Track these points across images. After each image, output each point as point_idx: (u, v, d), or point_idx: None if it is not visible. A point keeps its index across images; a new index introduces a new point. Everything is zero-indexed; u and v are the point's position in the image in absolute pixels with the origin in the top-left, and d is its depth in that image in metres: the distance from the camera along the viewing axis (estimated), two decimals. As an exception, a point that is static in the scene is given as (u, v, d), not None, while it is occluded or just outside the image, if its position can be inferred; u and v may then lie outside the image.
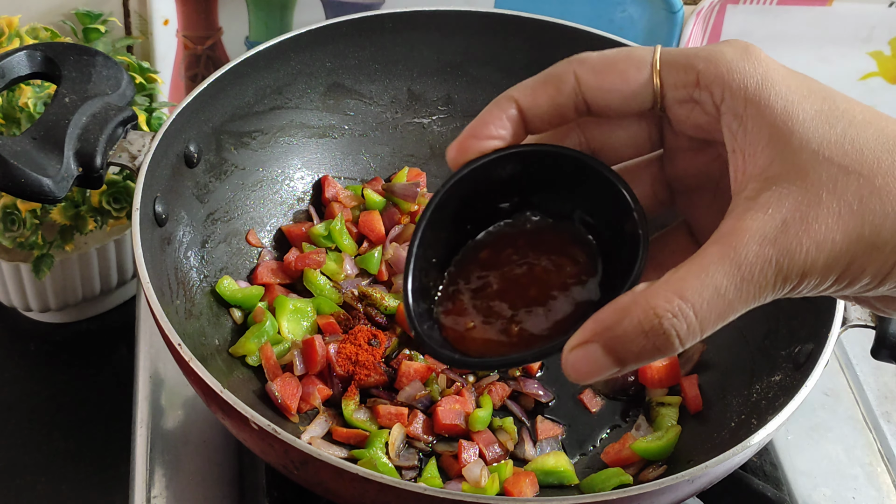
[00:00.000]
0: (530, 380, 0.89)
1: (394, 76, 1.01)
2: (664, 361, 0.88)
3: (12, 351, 1.17)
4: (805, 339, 0.79)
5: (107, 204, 0.99)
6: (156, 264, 0.79)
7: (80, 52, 0.83)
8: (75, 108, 0.78)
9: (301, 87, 0.97)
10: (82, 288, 1.12)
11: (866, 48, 1.21)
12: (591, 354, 0.47)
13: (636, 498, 0.66)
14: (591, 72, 0.52)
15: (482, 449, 0.82)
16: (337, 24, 0.95)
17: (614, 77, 0.52)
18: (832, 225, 0.46)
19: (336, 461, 0.64)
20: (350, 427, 0.83)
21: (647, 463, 0.83)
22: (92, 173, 0.78)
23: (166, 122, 0.82)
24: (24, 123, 0.96)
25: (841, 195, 0.46)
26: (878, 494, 0.93)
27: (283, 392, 0.83)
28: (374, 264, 0.94)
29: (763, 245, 0.46)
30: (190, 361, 0.69)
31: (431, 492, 0.63)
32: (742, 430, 0.78)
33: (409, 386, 0.85)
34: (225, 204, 0.93)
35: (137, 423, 0.90)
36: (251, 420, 0.66)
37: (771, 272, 0.46)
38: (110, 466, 1.07)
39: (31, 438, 1.10)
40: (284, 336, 0.88)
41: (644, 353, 0.46)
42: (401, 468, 0.81)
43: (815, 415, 0.99)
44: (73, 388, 1.14)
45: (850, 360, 1.06)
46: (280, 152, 0.98)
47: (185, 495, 0.85)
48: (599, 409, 0.89)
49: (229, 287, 0.89)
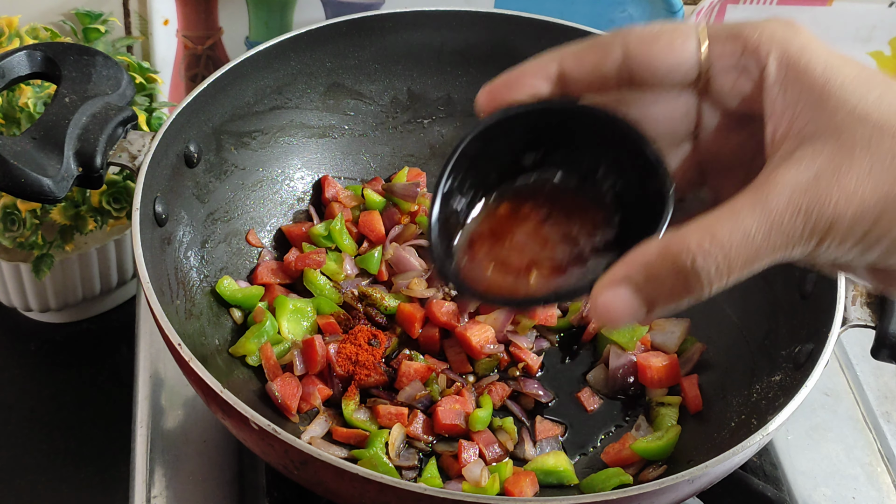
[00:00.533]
0: (530, 380, 0.89)
1: (394, 76, 1.01)
2: (664, 361, 0.88)
3: (12, 351, 1.17)
4: (805, 339, 0.79)
5: (107, 204, 0.99)
6: (156, 264, 0.79)
7: (80, 52, 0.83)
8: (75, 108, 0.78)
9: (301, 87, 0.97)
10: (82, 288, 1.12)
11: (866, 48, 1.21)
12: (621, 295, 0.47)
13: (636, 498, 0.66)
14: (638, 40, 0.53)
15: (482, 449, 0.82)
16: (337, 24, 0.95)
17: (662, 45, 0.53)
18: (863, 179, 0.47)
19: (336, 461, 0.64)
20: (350, 427, 0.83)
21: (647, 463, 0.83)
22: (92, 173, 0.78)
23: (166, 122, 0.82)
24: (24, 123, 0.96)
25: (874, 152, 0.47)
26: (878, 494, 0.93)
27: (284, 392, 0.83)
28: (374, 264, 0.94)
29: (794, 194, 0.47)
30: (190, 361, 0.69)
31: (431, 492, 0.63)
32: (742, 430, 0.78)
33: (409, 386, 0.85)
34: (225, 204, 0.93)
35: (137, 423, 0.90)
36: (251, 420, 0.66)
37: (800, 220, 0.47)
38: (110, 466, 1.07)
39: (31, 438, 1.10)
40: (284, 336, 0.88)
41: (674, 293, 0.47)
42: (401, 468, 0.81)
43: (815, 415, 0.99)
44: (73, 388, 1.14)
45: (850, 360, 1.06)
46: (280, 152, 0.98)
47: (185, 495, 0.85)
48: (599, 409, 0.89)
49: (229, 287, 0.90)
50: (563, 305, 0.94)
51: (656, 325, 0.92)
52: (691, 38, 0.53)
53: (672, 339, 0.92)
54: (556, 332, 0.94)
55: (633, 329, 0.90)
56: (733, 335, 0.89)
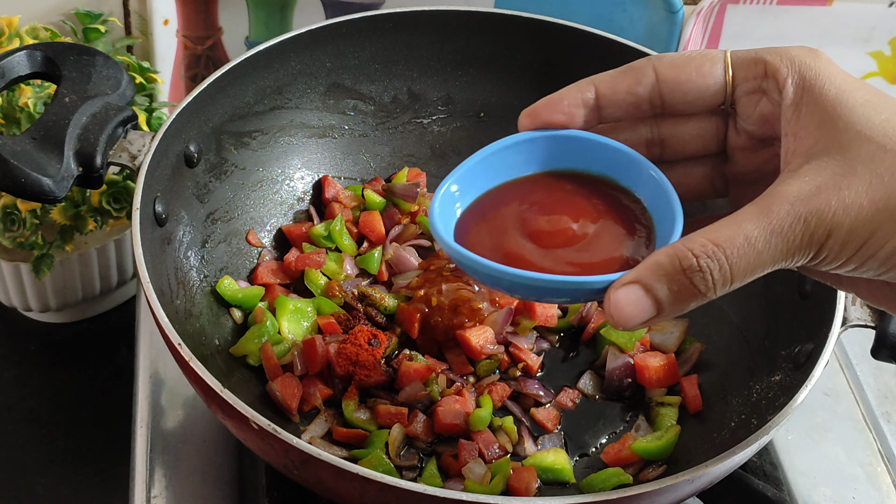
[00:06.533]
0: (530, 380, 0.89)
1: (394, 76, 1.01)
2: (662, 361, 0.88)
3: (12, 351, 1.18)
4: (805, 339, 0.79)
5: (107, 204, 1.00)
6: (156, 264, 0.79)
7: (80, 52, 0.83)
8: (75, 108, 0.78)
9: (301, 87, 0.97)
10: (82, 288, 1.12)
11: (866, 48, 1.21)
12: (633, 295, 0.51)
13: (636, 498, 0.66)
14: (669, 66, 0.57)
15: (482, 448, 0.82)
16: (337, 24, 0.95)
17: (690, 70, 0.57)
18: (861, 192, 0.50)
19: (336, 461, 0.64)
20: (350, 427, 0.83)
21: (647, 463, 0.83)
22: (92, 173, 0.78)
23: (166, 122, 0.82)
24: (24, 123, 0.96)
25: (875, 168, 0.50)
26: (878, 494, 0.93)
27: (284, 392, 0.83)
28: (374, 264, 0.94)
29: (795, 204, 0.50)
30: (190, 361, 0.70)
31: (431, 492, 0.63)
32: (742, 430, 0.78)
33: (409, 386, 0.85)
34: (225, 204, 0.93)
35: (137, 423, 0.90)
36: (251, 420, 0.66)
37: (799, 228, 0.50)
38: (110, 466, 1.07)
39: (31, 438, 1.10)
40: (285, 336, 0.88)
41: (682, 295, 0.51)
42: (401, 468, 0.82)
43: (815, 415, 0.99)
44: (73, 388, 1.14)
45: (850, 360, 1.06)
46: (280, 152, 0.98)
47: (185, 495, 0.85)
48: (599, 410, 0.89)
49: (229, 287, 0.90)
50: (563, 306, 0.94)
51: (656, 326, 0.92)
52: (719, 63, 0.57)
53: (671, 340, 0.92)
54: (556, 333, 0.94)
55: (633, 330, 0.90)
56: (733, 335, 0.89)
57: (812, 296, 0.81)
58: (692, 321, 0.92)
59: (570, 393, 0.89)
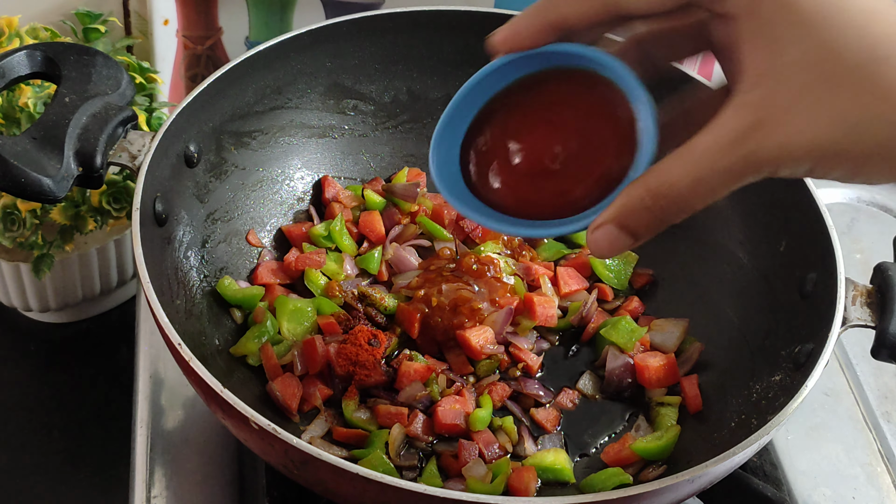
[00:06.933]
0: (530, 380, 0.89)
1: (394, 76, 1.01)
2: (661, 361, 0.88)
3: (12, 351, 1.17)
4: (805, 339, 0.79)
5: (107, 204, 0.99)
6: (156, 264, 0.79)
7: (80, 52, 0.83)
8: (75, 107, 0.78)
9: (301, 87, 0.97)
10: (82, 288, 1.12)
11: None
12: (609, 233, 0.56)
13: (636, 498, 0.66)
14: None
15: (482, 448, 0.82)
16: (337, 24, 0.95)
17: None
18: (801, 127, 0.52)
19: (336, 461, 0.64)
20: (350, 427, 0.83)
21: (647, 463, 0.83)
22: (92, 173, 0.78)
23: (166, 122, 0.82)
24: (24, 123, 0.96)
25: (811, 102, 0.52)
26: (878, 494, 0.93)
27: (284, 392, 0.83)
28: (374, 264, 0.94)
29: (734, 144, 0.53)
30: (190, 361, 0.70)
31: (431, 492, 0.63)
32: (742, 430, 0.78)
33: (409, 386, 0.85)
34: (225, 204, 0.93)
35: (137, 423, 0.90)
36: (251, 420, 0.66)
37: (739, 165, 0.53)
38: (110, 466, 1.07)
39: (31, 439, 1.10)
40: (285, 336, 0.88)
41: (652, 224, 0.56)
42: (401, 468, 0.82)
43: (815, 415, 0.99)
44: (73, 388, 1.14)
45: (850, 360, 1.06)
46: (280, 152, 0.98)
47: (185, 495, 0.85)
48: (599, 410, 0.89)
49: (230, 287, 0.90)
50: (563, 305, 0.94)
51: (655, 326, 0.92)
52: None
53: (671, 339, 0.92)
54: (555, 333, 0.94)
55: (632, 330, 0.90)
56: (733, 335, 0.89)
57: (812, 296, 0.81)
58: (692, 321, 0.92)
59: (569, 393, 0.89)
